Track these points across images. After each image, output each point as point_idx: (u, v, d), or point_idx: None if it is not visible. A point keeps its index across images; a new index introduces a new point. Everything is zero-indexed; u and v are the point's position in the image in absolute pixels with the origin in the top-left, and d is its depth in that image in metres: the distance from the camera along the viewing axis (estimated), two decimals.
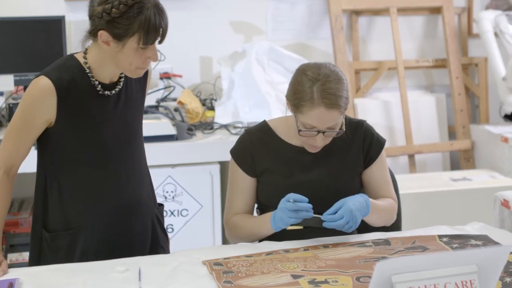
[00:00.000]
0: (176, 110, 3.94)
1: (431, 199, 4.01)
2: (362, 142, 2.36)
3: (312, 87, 2.17)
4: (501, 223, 2.58)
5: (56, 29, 3.90)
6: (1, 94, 3.96)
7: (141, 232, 2.30)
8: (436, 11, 4.75)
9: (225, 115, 3.97)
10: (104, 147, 2.19)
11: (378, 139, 2.39)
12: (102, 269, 2.03)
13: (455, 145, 4.63)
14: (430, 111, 4.71)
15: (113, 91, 2.19)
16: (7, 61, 3.88)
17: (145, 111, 2.37)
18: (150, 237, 2.33)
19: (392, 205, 2.37)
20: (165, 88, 4.08)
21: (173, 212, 3.61)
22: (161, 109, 3.92)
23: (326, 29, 4.56)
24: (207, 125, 3.87)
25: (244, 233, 2.33)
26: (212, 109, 4.15)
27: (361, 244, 2.20)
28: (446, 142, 4.67)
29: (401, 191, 2.61)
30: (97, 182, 2.20)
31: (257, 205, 2.43)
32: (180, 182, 3.62)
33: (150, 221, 2.33)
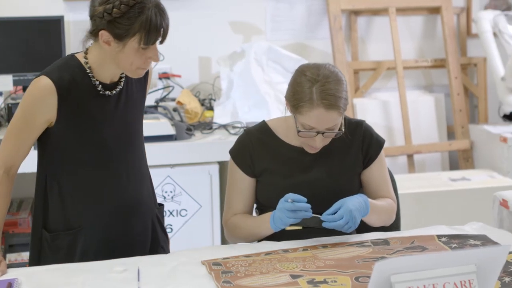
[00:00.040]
0: (175, 110, 3.94)
1: (430, 199, 4.01)
2: (361, 142, 2.36)
3: (311, 88, 2.17)
4: (500, 223, 2.58)
5: (55, 29, 3.90)
6: (0, 94, 3.96)
7: (141, 232, 2.30)
8: (435, 11, 4.75)
9: (224, 115, 3.97)
10: (104, 147, 2.19)
11: (377, 139, 2.39)
12: (101, 269, 2.02)
13: (454, 145, 4.63)
14: (429, 111, 4.71)
15: (114, 91, 2.19)
16: (6, 61, 3.88)
17: (144, 111, 2.37)
18: (150, 237, 2.33)
19: (391, 205, 2.37)
20: (164, 88, 4.08)
21: (172, 212, 3.61)
22: (160, 109, 3.92)
23: (325, 29, 4.56)
24: (206, 125, 3.87)
25: (243, 233, 2.33)
26: (211, 109, 4.14)
27: (360, 244, 2.20)
28: (445, 142, 4.67)
29: (400, 191, 2.61)
30: (97, 182, 2.20)
31: (256, 205, 2.42)
32: (179, 182, 3.62)
33: (150, 221, 2.33)
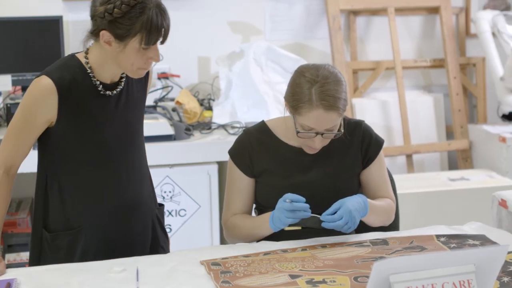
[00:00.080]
0: (174, 110, 3.94)
1: (429, 199, 4.01)
2: (360, 142, 2.36)
3: (310, 88, 2.17)
4: (498, 223, 2.58)
5: (53, 29, 3.90)
6: None
7: (141, 232, 2.30)
8: (434, 11, 4.75)
9: (223, 115, 3.97)
10: (105, 147, 2.19)
11: (376, 139, 2.39)
12: (100, 269, 2.02)
13: (453, 145, 4.63)
14: (428, 111, 4.71)
15: (114, 91, 2.19)
16: (4, 61, 3.88)
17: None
18: (150, 237, 2.33)
19: (390, 205, 2.37)
20: (163, 88, 4.08)
21: (171, 212, 3.61)
22: (159, 109, 3.92)
23: (324, 29, 4.56)
24: (205, 125, 3.87)
25: (242, 233, 2.33)
26: (210, 109, 4.14)
27: (359, 244, 2.20)
28: (444, 142, 4.67)
29: (399, 191, 2.61)
30: (98, 182, 2.20)
31: (255, 206, 2.42)
32: (178, 182, 3.62)
33: (150, 221, 2.33)
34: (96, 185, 2.20)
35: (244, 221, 2.34)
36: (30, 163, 2.27)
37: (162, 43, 2.09)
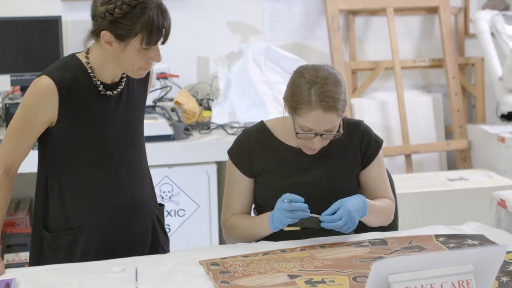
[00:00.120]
0: (173, 110, 3.94)
1: (428, 199, 4.01)
2: (359, 143, 2.36)
3: (310, 89, 2.16)
4: (497, 223, 2.58)
5: (52, 29, 3.89)
6: None
7: (142, 232, 2.30)
8: (432, 11, 4.75)
9: (222, 115, 3.97)
10: (105, 147, 2.19)
11: (375, 139, 2.39)
12: (99, 269, 2.02)
13: (452, 145, 4.64)
14: (426, 111, 4.71)
15: (115, 91, 2.19)
16: (3, 61, 3.88)
17: None
18: (150, 238, 2.33)
19: (389, 206, 2.37)
20: (162, 88, 4.08)
21: (170, 212, 3.61)
22: (158, 109, 3.92)
23: (322, 29, 4.56)
24: (204, 125, 3.87)
25: (242, 233, 2.33)
26: (209, 109, 4.14)
27: (358, 244, 2.21)
28: (443, 142, 4.67)
29: (398, 191, 2.61)
30: (98, 182, 2.20)
31: (254, 206, 2.42)
32: (177, 182, 3.62)
33: (150, 221, 2.33)
34: (96, 185, 2.19)
35: (243, 221, 2.34)
36: (29, 163, 2.26)
37: (163, 43, 2.09)
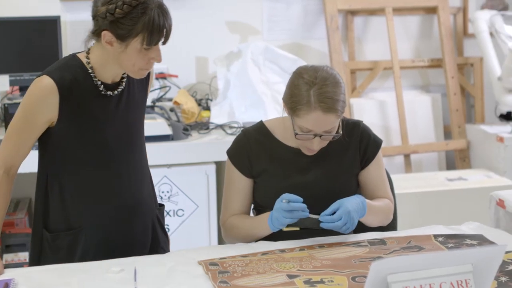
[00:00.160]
0: (171, 110, 3.94)
1: (426, 199, 4.01)
2: (359, 143, 2.36)
3: (309, 90, 2.16)
4: (496, 223, 2.58)
5: (51, 29, 3.89)
6: None
7: (142, 232, 2.30)
8: (431, 11, 4.75)
9: (220, 115, 3.97)
10: (105, 147, 2.19)
11: (374, 139, 2.39)
12: (97, 269, 2.02)
13: (451, 145, 4.64)
14: (425, 111, 4.71)
15: (116, 92, 2.19)
16: (2, 61, 3.87)
17: None
18: (150, 238, 2.33)
19: (388, 206, 2.37)
20: (161, 88, 4.08)
21: (168, 212, 3.61)
22: (156, 109, 3.92)
23: (321, 29, 4.56)
24: (203, 125, 3.87)
25: (241, 233, 2.33)
26: (207, 109, 4.14)
27: (357, 244, 2.21)
28: (441, 142, 4.67)
29: (396, 191, 2.61)
30: (98, 182, 2.19)
31: (253, 206, 2.42)
32: (175, 182, 3.62)
33: (150, 222, 2.33)
34: (96, 185, 2.19)
35: (243, 221, 2.33)
36: (29, 163, 2.26)
37: (164, 43, 2.08)
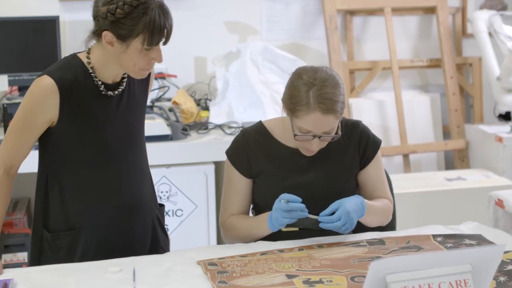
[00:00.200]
0: (170, 110, 3.94)
1: (425, 198, 4.01)
2: (358, 143, 2.36)
3: (308, 91, 2.16)
4: (495, 223, 2.58)
5: (50, 29, 3.89)
6: None
7: (142, 232, 2.30)
8: (430, 11, 4.75)
9: (219, 115, 3.97)
10: (106, 147, 2.19)
11: (374, 139, 2.39)
12: (96, 269, 2.02)
13: (450, 144, 4.64)
14: (424, 111, 4.71)
15: (116, 92, 2.19)
16: (1, 61, 3.87)
17: None
18: (150, 238, 2.33)
19: (387, 206, 2.37)
20: (160, 88, 4.08)
21: (167, 212, 3.61)
22: (155, 109, 3.91)
23: (320, 29, 4.56)
24: (202, 125, 3.87)
25: (241, 234, 2.33)
26: (206, 109, 4.14)
27: (356, 244, 2.21)
28: (440, 141, 4.67)
29: (395, 191, 2.62)
30: (98, 182, 2.19)
31: (252, 206, 2.42)
32: (174, 182, 3.62)
33: (150, 222, 2.33)
34: (96, 185, 2.19)
35: (242, 221, 2.33)
36: (29, 163, 2.26)
37: (164, 43, 2.08)
